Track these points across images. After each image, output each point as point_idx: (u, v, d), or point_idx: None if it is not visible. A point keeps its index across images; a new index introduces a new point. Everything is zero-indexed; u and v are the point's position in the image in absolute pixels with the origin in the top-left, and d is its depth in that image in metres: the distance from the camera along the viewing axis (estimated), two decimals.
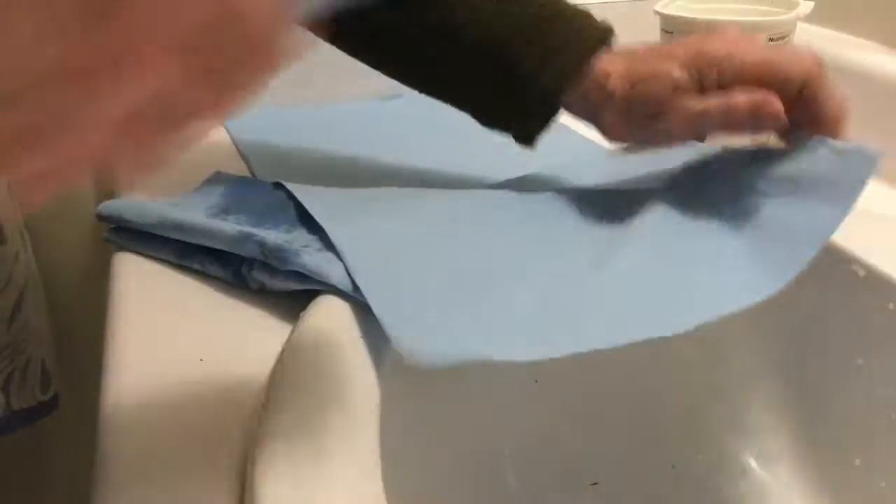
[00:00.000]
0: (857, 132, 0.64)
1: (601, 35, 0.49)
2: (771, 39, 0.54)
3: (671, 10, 0.57)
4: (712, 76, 0.44)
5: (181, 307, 0.45)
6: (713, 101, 0.44)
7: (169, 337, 0.43)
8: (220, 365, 0.41)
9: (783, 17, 0.55)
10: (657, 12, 0.57)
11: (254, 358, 0.41)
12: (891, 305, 0.45)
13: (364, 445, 0.33)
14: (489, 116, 0.52)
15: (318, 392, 0.36)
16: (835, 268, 0.48)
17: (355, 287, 0.42)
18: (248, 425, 0.37)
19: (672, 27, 0.57)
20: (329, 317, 0.41)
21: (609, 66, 0.47)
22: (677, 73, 0.44)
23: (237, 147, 0.67)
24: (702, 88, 0.44)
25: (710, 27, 0.54)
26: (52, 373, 0.62)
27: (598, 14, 0.80)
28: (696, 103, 0.44)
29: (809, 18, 0.57)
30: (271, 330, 0.43)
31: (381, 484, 0.32)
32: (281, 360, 0.38)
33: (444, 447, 0.46)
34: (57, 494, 0.86)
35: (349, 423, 0.35)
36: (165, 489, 0.34)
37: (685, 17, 0.55)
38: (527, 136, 0.51)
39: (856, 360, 0.47)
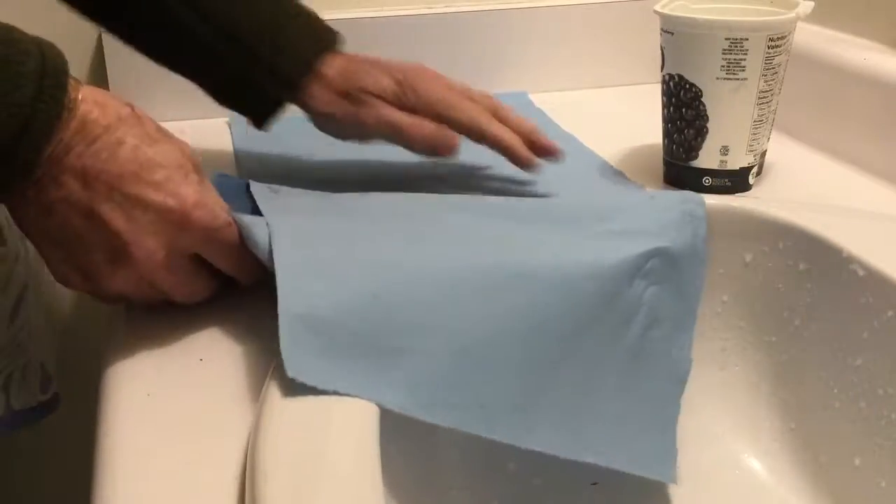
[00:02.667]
0: (857, 132, 0.64)
1: (333, 36, 0.57)
2: (771, 39, 0.54)
3: (671, 10, 0.57)
4: (411, 98, 0.55)
5: (181, 307, 0.45)
6: (406, 118, 0.54)
7: (169, 337, 0.43)
8: (220, 365, 0.41)
9: (783, 17, 0.55)
10: (657, 12, 0.57)
11: (254, 358, 0.41)
12: (891, 309, 0.45)
13: (364, 446, 0.33)
14: (226, 96, 0.58)
15: (318, 392, 0.36)
16: (835, 268, 0.48)
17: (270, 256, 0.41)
18: (248, 426, 0.36)
19: (672, 27, 0.57)
20: None
21: (323, 65, 0.56)
22: (386, 81, 0.55)
23: (235, 153, 0.67)
24: (400, 104, 0.55)
25: (710, 27, 0.54)
26: (52, 373, 0.62)
27: (599, 14, 0.81)
28: (392, 112, 0.55)
29: (809, 18, 0.57)
30: (271, 330, 0.43)
31: (381, 485, 0.32)
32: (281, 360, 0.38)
33: (444, 447, 0.46)
34: (57, 494, 0.86)
35: (349, 423, 0.35)
36: (165, 489, 0.34)
37: (685, 17, 0.55)
38: (261, 118, 0.58)
39: (856, 360, 0.47)
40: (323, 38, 0.57)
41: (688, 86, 0.57)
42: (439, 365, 0.39)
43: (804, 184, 0.61)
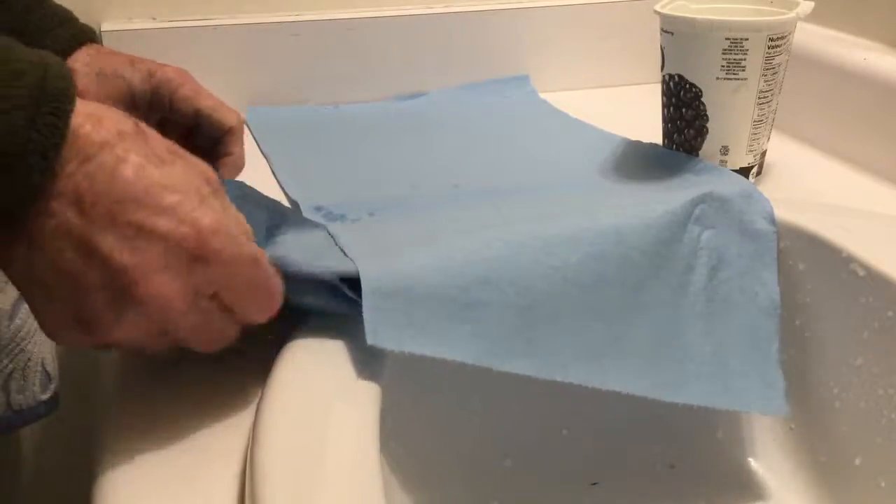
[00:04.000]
0: (857, 132, 0.64)
1: (88, 30, 0.55)
2: (771, 39, 0.54)
3: (671, 10, 0.57)
4: (166, 96, 0.53)
5: None
6: None
7: None
8: (220, 365, 0.41)
9: (783, 17, 0.55)
10: (657, 12, 0.57)
11: (254, 358, 0.41)
12: (890, 309, 0.45)
13: (364, 446, 0.33)
14: None
15: (318, 391, 0.36)
16: (835, 268, 0.48)
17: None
18: (247, 425, 0.37)
19: (672, 27, 0.57)
20: (333, 315, 0.41)
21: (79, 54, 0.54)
22: (137, 83, 0.53)
23: (258, 144, 0.67)
24: (153, 101, 0.53)
25: (710, 27, 0.54)
26: (53, 372, 0.62)
27: (599, 14, 0.81)
28: None
29: (809, 18, 0.57)
30: (271, 330, 0.43)
31: (380, 484, 0.32)
32: (281, 359, 0.38)
33: (443, 447, 0.46)
34: (57, 495, 0.86)
35: (349, 423, 0.35)
36: (165, 489, 0.34)
37: (685, 17, 0.55)
38: None
39: (856, 360, 0.47)
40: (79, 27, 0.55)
41: (688, 86, 0.57)
42: (510, 318, 0.41)
43: (804, 184, 0.61)
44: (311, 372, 0.37)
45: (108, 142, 0.32)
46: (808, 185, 0.61)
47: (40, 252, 0.32)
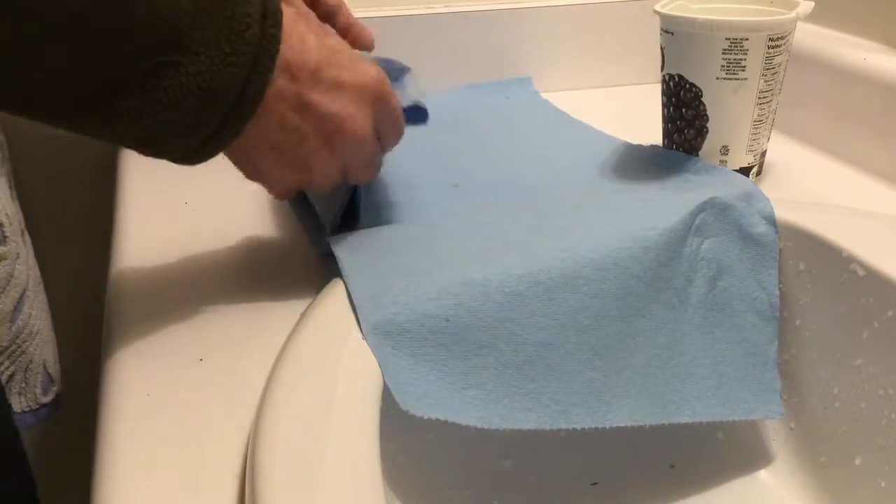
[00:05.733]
0: (857, 132, 0.64)
1: None
2: (771, 39, 0.54)
3: (671, 10, 0.57)
4: None
5: (181, 307, 0.45)
6: None
7: (169, 337, 0.43)
8: (220, 365, 0.41)
9: (783, 17, 0.55)
10: (657, 12, 0.57)
11: (254, 358, 0.41)
12: (890, 309, 0.45)
13: (364, 446, 0.33)
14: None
15: (318, 391, 0.36)
16: (835, 268, 0.48)
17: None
18: (247, 425, 0.37)
19: (672, 27, 0.57)
20: (332, 315, 0.41)
21: None
22: None
23: None
24: None
25: (710, 27, 0.54)
26: (54, 374, 0.62)
27: (599, 14, 0.81)
28: None
29: (809, 18, 0.57)
30: (271, 330, 0.43)
31: (380, 485, 0.32)
32: (281, 359, 0.38)
33: (443, 446, 0.46)
34: (57, 495, 0.86)
35: (349, 423, 0.35)
36: (165, 490, 0.34)
37: (685, 17, 0.55)
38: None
39: (856, 360, 0.47)
40: None
41: (688, 86, 0.57)
42: (509, 376, 0.41)
43: (804, 184, 0.61)
44: (311, 372, 0.37)
45: (290, 22, 0.40)
46: (808, 185, 0.61)
47: (268, 116, 0.40)
